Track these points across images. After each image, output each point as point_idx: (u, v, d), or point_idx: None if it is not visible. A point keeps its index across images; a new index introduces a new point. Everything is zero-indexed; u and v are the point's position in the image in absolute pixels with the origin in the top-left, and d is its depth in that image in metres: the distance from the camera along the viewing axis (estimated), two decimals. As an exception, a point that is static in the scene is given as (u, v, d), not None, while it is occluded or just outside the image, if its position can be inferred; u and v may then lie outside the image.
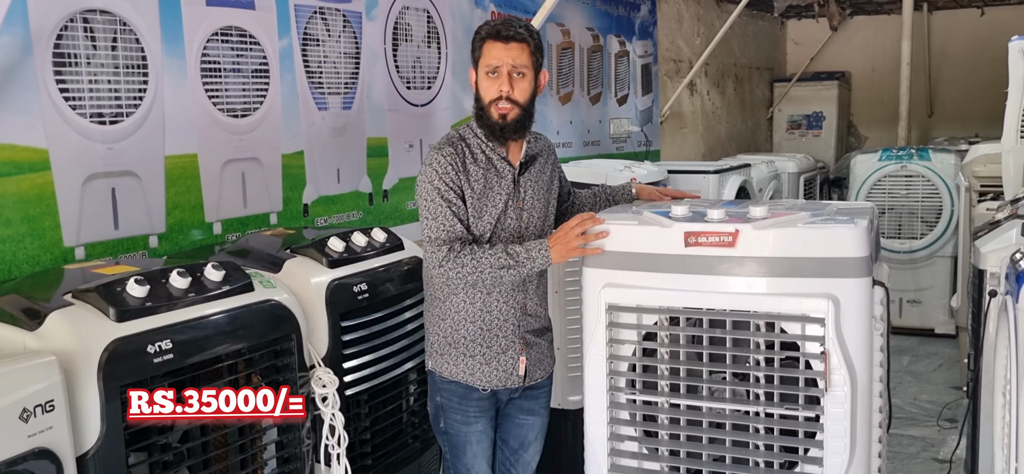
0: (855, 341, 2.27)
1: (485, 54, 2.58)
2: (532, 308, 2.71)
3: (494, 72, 2.56)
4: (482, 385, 2.64)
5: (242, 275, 2.51)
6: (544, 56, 2.67)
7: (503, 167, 2.63)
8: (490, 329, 2.63)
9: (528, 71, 2.58)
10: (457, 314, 2.62)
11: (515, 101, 2.56)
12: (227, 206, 3.51)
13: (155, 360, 2.16)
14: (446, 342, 2.65)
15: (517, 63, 2.55)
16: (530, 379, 2.72)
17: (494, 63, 2.56)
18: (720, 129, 9.53)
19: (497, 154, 2.62)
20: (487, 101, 2.58)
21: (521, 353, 2.68)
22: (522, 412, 2.78)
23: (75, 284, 2.29)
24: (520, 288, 2.65)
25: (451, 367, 2.65)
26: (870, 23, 11.18)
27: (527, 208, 2.66)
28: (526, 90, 2.58)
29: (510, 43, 2.55)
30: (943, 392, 5.55)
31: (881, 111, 10.75)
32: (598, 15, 6.71)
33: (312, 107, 3.92)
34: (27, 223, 2.81)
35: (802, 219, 2.36)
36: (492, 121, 2.58)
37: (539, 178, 2.71)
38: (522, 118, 2.59)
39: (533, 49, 2.58)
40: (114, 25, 3.03)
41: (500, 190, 2.61)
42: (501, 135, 2.59)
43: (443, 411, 2.70)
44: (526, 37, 2.57)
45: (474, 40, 2.62)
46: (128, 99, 3.09)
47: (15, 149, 2.75)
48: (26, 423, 1.86)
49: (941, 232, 6.68)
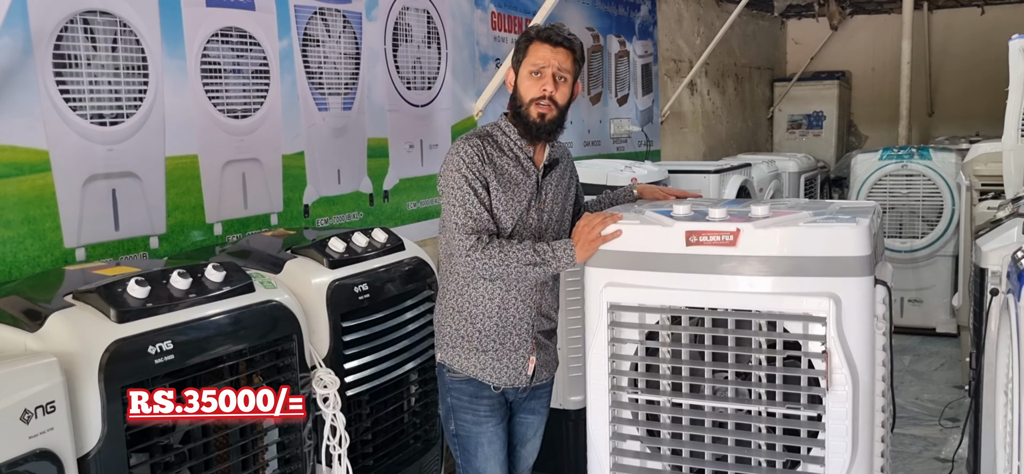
0: (857, 340, 2.26)
1: (531, 54, 2.63)
2: (546, 309, 2.74)
3: (538, 73, 2.62)
4: (493, 382, 2.66)
5: (243, 276, 2.51)
6: (583, 67, 2.74)
7: (529, 166, 2.67)
8: (505, 326, 2.65)
9: (569, 77, 2.65)
10: (474, 308, 2.64)
11: (555, 102, 2.63)
12: (228, 207, 3.51)
13: (156, 361, 2.16)
14: (459, 335, 2.67)
15: (562, 67, 2.62)
16: (537, 380, 2.75)
17: (540, 63, 2.61)
18: (720, 129, 9.52)
19: (524, 153, 2.67)
20: (527, 100, 2.62)
21: (532, 353, 2.70)
22: (524, 411, 2.81)
23: (76, 285, 2.29)
24: (537, 288, 2.68)
25: (462, 361, 2.67)
26: (870, 22, 11.18)
27: (547, 209, 2.70)
28: (566, 94, 2.66)
29: (558, 47, 2.61)
30: (945, 391, 5.55)
31: (882, 110, 10.74)
32: (598, 15, 6.70)
33: (312, 108, 3.91)
34: (28, 224, 2.80)
35: (804, 218, 2.36)
36: (530, 120, 2.62)
37: (559, 182, 2.76)
38: (558, 120, 2.66)
39: (577, 58, 2.66)
40: (114, 26, 3.03)
41: (524, 188, 2.64)
42: (536, 135, 2.64)
43: (454, 412, 2.72)
44: (573, 45, 2.64)
45: (520, 41, 2.68)
46: (128, 100, 3.09)
47: (16, 150, 2.75)
48: (27, 424, 1.85)
49: (942, 231, 6.68)
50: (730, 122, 9.84)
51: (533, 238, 2.63)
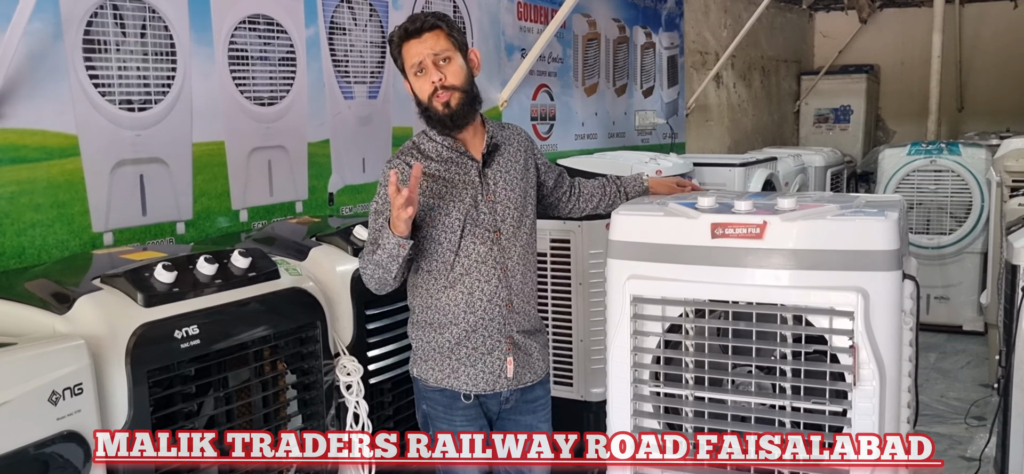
0: (884, 335, 2.24)
1: (406, 56, 2.51)
2: (519, 305, 2.60)
3: (420, 68, 2.49)
4: (466, 389, 2.55)
5: (269, 263, 2.52)
6: (464, 35, 2.59)
7: (464, 161, 2.56)
8: (474, 329, 2.54)
9: (452, 53, 2.50)
10: (441, 316, 2.54)
11: (451, 86, 2.48)
12: (253, 194, 3.53)
13: (182, 345, 2.17)
14: (430, 347, 2.57)
15: (437, 50, 2.47)
16: (519, 382, 2.62)
17: (416, 59, 2.48)
18: (746, 122, 9.46)
19: (456, 150, 2.55)
20: (426, 99, 2.50)
21: (508, 353, 2.57)
22: (520, 427, 2.64)
23: (103, 269, 2.31)
24: (504, 284, 2.56)
25: (435, 372, 2.57)
26: (900, 15, 11.04)
27: (500, 200, 2.57)
28: (458, 72, 2.50)
29: (423, 35, 2.47)
30: (971, 390, 5.48)
31: (910, 105, 10.61)
32: (624, 6, 6.67)
33: (338, 96, 3.93)
34: (57, 208, 2.84)
35: (831, 211, 2.33)
36: (439, 114, 2.49)
37: (509, 168, 2.62)
38: (466, 101, 2.51)
39: (448, 31, 2.50)
40: (143, 12, 3.06)
41: (466, 185, 2.53)
42: (453, 124, 2.51)
43: (430, 420, 2.62)
44: (436, 23, 2.49)
45: (391, 50, 2.56)
46: (157, 86, 3.12)
47: (45, 135, 2.78)
48: (55, 406, 1.87)
49: (971, 228, 6.59)
50: (756, 115, 9.77)
51: (490, 234, 2.54)
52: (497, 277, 2.56)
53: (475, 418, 2.60)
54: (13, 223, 2.72)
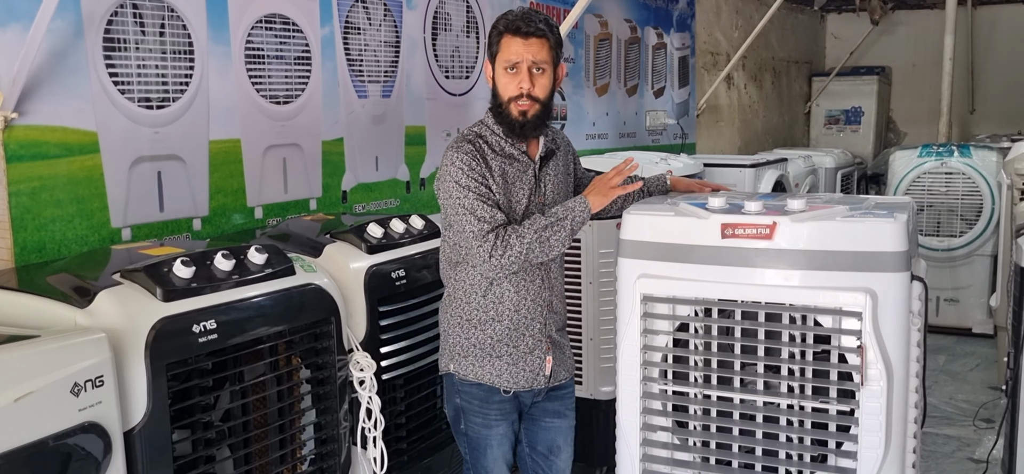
0: (892, 336, 2.26)
1: (503, 49, 2.50)
2: (557, 305, 2.68)
3: (513, 68, 2.48)
4: (507, 387, 2.59)
5: (284, 259, 2.55)
6: (563, 50, 2.61)
7: (524, 160, 2.58)
8: (518, 329, 2.57)
9: (548, 67, 2.51)
10: (484, 314, 2.55)
11: (535, 98, 2.49)
12: (268, 191, 3.57)
13: (200, 340, 2.21)
14: (471, 344, 2.58)
15: (537, 59, 2.48)
16: (555, 379, 2.67)
17: (513, 59, 2.48)
18: (757, 123, 9.46)
19: (517, 149, 2.57)
20: (506, 98, 2.50)
21: (548, 352, 2.63)
22: (548, 415, 2.71)
23: (122, 264, 2.35)
24: (547, 285, 2.61)
25: (476, 369, 2.58)
26: (912, 17, 11.02)
27: (549, 202, 2.61)
28: (546, 86, 2.52)
29: (529, 39, 2.47)
30: (980, 392, 5.48)
31: (921, 107, 10.59)
32: (636, 7, 6.69)
33: (352, 95, 3.97)
34: (76, 204, 2.88)
35: (840, 212, 2.35)
36: (511, 119, 2.51)
37: (558, 171, 2.67)
38: (541, 115, 2.53)
39: (553, 44, 2.51)
40: (162, 11, 3.10)
41: (522, 185, 2.56)
42: (521, 133, 2.53)
43: (463, 413, 2.64)
44: (546, 32, 2.49)
45: (491, 34, 2.54)
46: (174, 84, 3.16)
47: (66, 131, 2.83)
48: (77, 397, 1.91)
49: (981, 230, 6.58)
50: (767, 116, 9.77)
51: None
52: (541, 277, 2.60)
53: (509, 411, 2.65)
54: (34, 218, 2.76)
